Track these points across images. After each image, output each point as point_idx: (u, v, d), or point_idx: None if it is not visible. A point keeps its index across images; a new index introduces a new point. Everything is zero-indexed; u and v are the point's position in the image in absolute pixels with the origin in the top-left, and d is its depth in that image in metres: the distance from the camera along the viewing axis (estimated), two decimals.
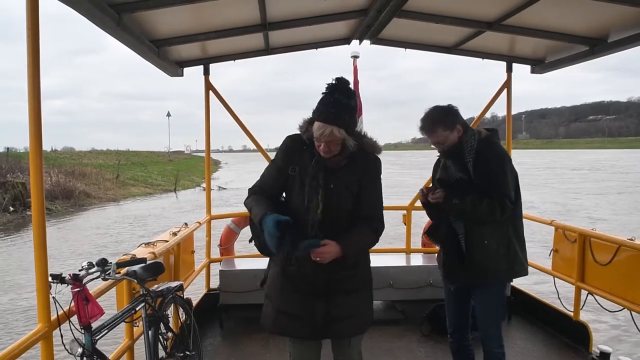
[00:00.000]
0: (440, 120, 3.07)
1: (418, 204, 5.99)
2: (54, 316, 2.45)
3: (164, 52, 4.55)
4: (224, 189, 31.96)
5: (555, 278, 4.92)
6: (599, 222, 16.64)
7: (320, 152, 2.51)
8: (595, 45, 4.53)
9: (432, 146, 3.19)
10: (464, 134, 3.07)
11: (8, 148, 33.20)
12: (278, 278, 2.67)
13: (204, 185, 35.00)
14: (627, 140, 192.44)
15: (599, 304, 4.44)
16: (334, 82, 2.46)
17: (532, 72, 5.62)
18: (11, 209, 21.09)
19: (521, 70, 5.72)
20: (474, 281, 3.12)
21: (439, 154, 3.27)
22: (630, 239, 4.06)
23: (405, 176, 39.01)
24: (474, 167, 3.03)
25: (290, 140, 2.64)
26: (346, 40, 5.23)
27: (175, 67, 5.06)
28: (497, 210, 2.97)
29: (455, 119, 3.08)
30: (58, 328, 2.46)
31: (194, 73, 5.40)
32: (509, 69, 5.67)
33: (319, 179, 2.53)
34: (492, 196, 2.97)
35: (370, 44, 5.15)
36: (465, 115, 3.21)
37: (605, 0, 3.55)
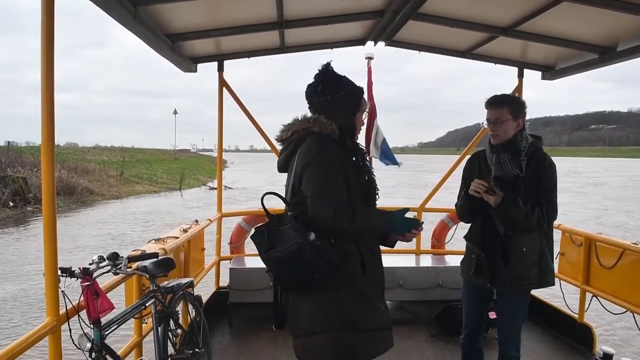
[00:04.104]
0: (511, 102, 3.10)
1: (429, 205, 6.07)
2: (62, 310, 2.42)
3: (178, 47, 4.57)
4: (230, 188, 31.93)
5: (561, 281, 4.94)
6: None
7: (359, 130, 2.53)
8: (605, 53, 4.58)
9: (484, 124, 3.17)
10: (519, 131, 3.08)
11: (9, 142, 32.55)
12: (359, 295, 2.34)
13: (210, 184, 35.30)
14: (627, 150, 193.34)
15: (603, 306, 4.51)
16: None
17: (543, 78, 5.66)
18: (11, 204, 20.94)
19: (525, 78, 5.74)
20: (507, 286, 3.10)
21: (477, 155, 3.29)
22: (634, 243, 4.12)
23: (402, 177, 41.42)
24: (526, 168, 3.04)
25: (328, 142, 2.34)
26: (361, 41, 5.25)
27: (189, 63, 5.08)
28: (545, 222, 3.01)
29: (523, 112, 3.10)
30: (67, 322, 2.43)
31: (202, 71, 5.39)
32: (520, 75, 5.69)
33: (372, 175, 2.49)
34: (541, 205, 2.99)
35: (385, 45, 5.17)
36: (475, 121, 3.23)
37: (616, 9, 3.59)
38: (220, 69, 5.42)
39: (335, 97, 2.40)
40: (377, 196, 2.49)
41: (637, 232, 17.01)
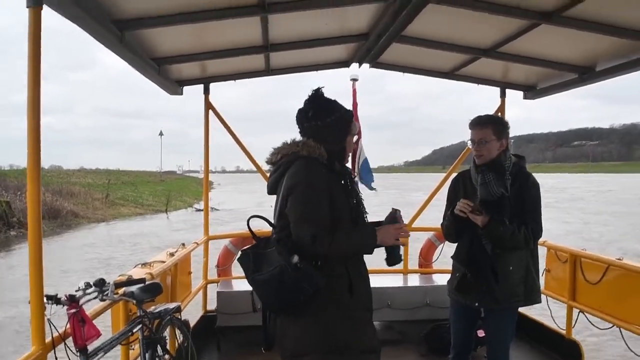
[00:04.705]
0: (495, 123, 3.17)
1: (416, 224, 6.09)
2: (48, 338, 2.39)
3: (164, 70, 4.59)
4: (217, 210, 31.83)
5: (548, 297, 4.98)
6: None
7: (350, 154, 2.57)
8: (584, 73, 4.70)
9: (469, 144, 3.23)
10: (503, 151, 3.14)
11: None
12: (346, 317, 2.34)
13: (196, 206, 35.16)
14: (610, 165, 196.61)
15: (589, 322, 4.54)
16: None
17: (525, 97, 5.76)
18: None
19: (509, 96, 5.82)
20: (494, 305, 3.12)
21: (458, 176, 3.35)
22: (618, 259, 4.19)
23: (387, 196, 41.91)
24: (510, 187, 3.08)
25: (312, 166, 2.35)
26: (346, 64, 5.33)
27: (175, 86, 5.09)
28: (531, 240, 3.07)
29: (506, 132, 3.18)
30: (53, 351, 2.40)
31: (188, 92, 5.37)
32: (503, 95, 5.79)
33: (360, 198, 2.51)
34: (526, 223, 3.04)
35: (370, 67, 5.25)
36: (460, 139, 3.32)
37: (594, 31, 3.71)
38: (206, 91, 5.43)
39: (325, 122, 2.43)
40: (365, 219, 2.51)
41: (615, 245, 17.61)
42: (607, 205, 37.21)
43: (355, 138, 2.57)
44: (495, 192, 3.06)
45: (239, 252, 2.62)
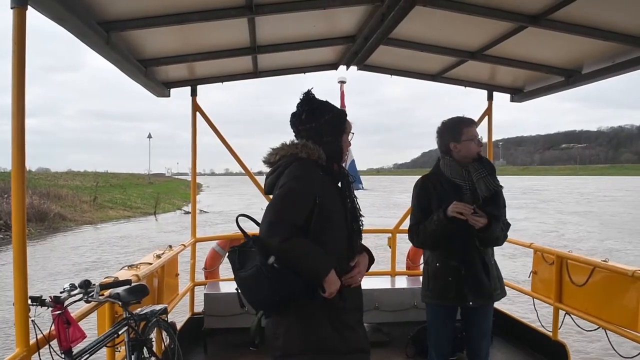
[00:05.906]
0: None
1: (403, 226, 6.09)
2: (32, 340, 2.37)
3: (151, 72, 4.56)
4: (206, 212, 31.78)
5: (535, 299, 5.03)
6: None
7: (347, 152, 2.57)
8: (571, 76, 4.74)
9: (472, 141, 3.21)
10: None
11: None
12: (335, 318, 2.34)
13: (185, 208, 35.07)
14: (597, 168, 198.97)
15: (575, 323, 4.56)
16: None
17: (512, 100, 5.79)
18: None
19: (497, 99, 5.80)
20: (488, 300, 3.20)
21: (430, 178, 3.36)
22: (604, 261, 4.20)
23: (374, 198, 43.25)
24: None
25: (307, 168, 2.35)
26: (333, 66, 5.34)
27: (162, 88, 5.07)
28: (505, 237, 3.20)
29: None
30: (37, 353, 2.39)
31: (177, 94, 5.38)
32: (490, 97, 5.81)
33: (354, 198, 2.51)
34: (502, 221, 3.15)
35: (357, 69, 5.26)
36: None
37: (580, 34, 3.74)
38: (194, 93, 5.41)
39: (320, 123, 2.45)
40: (360, 222, 2.51)
41: (586, 243, 18.28)
42: (584, 205, 38.50)
43: (350, 136, 2.59)
44: (494, 185, 3.11)
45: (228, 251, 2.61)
